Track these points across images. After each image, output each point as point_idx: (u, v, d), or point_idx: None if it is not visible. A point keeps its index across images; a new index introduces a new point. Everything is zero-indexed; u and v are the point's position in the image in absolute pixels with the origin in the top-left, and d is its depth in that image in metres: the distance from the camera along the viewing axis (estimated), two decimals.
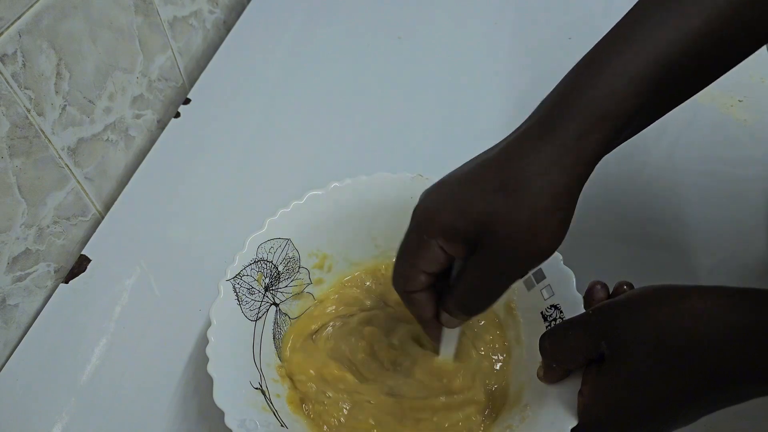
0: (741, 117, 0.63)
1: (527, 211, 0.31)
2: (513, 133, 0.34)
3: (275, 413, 0.38)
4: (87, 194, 0.56)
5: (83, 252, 0.54)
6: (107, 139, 0.58)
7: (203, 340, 0.42)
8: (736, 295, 0.30)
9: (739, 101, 0.64)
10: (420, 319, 0.39)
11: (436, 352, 0.42)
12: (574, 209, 0.33)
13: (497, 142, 0.34)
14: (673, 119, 0.63)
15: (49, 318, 0.50)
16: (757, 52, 0.74)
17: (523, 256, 0.32)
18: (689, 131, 0.62)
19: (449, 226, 0.33)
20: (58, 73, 0.50)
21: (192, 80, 0.72)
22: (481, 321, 0.46)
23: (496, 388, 0.43)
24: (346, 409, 0.41)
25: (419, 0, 0.82)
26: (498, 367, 0.44)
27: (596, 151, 0.32)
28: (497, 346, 0.45)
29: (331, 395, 0.42)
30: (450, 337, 0.40)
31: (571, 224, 0.54)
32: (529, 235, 0.31)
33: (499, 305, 0.46)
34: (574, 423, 0.35)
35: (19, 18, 0.45)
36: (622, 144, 0.61)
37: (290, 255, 0.46)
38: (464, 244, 0.33)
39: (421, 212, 0.35)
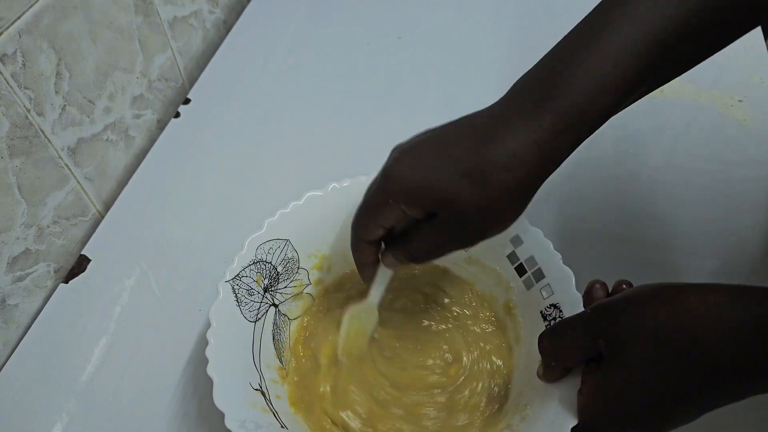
0: (741, 117, 0.63)
1: (487, 202, 0.33)
2: (497, 104, 0.35)
3: (275, 414, 0.38)
4: (87, 194, 0.56)
5: (83, 252, 0.54)
6: (107, 139, 0.58)
7: (203, 341, 0.42)
8: (734, 292, 0.30)
9: (739, 101, 0.64)
10: (361, 264, 0.42)
11: (367, 294, 0.43)
12: (531, 199, 0.35)
13: None
14: (673, 119, 0.64)
15: (49, 318, 0.50)
16: (756, 53, 0.74)
17: (477, 234, 0.36)
18: (689, 131, 0.62)
19: (413, 195, 0.35)
20: (58, 73, 0.50)
21: (192, 80, 0.72)
22: (481, 322, 0.46)
23: (496, 387, 0.43)
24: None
25: (419, 0, 0.82)
26: (498, 367, 0.44)
27: (568, 150, 0.34)
28: (497, 345, 0.45)
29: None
30: (382, 280, 0.42)
31: (571, 224, 0.55)
32: (486, 219, 0.34)
33: (498, 305, 0.46)
34: (573, 422, 0.35)
35: (19, 18, 0.45)
36: (623, 144, 0.61)
37: (289, 256, 0.46)
38: (423, 211, 0.36)
39: (389, 175, 0.36)
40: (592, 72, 0.32)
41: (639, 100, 0.36)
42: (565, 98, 0.32)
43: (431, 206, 0.35)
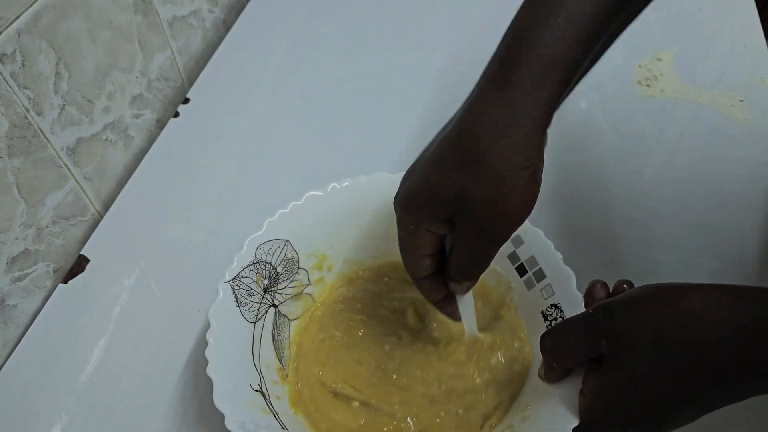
0: (741, 117, 0.63)
1: (491, 180, 0.32)
2: (471, 92, 0.35)
3: (275, 415, 0.38)
4: (86, 194, 0.56)
5: (82, 252, 0.54)
6: (106, 139, 0.58)
7: (202, 341, 0.42)
8: (736, 293, 0.30)
9: (740, 101, 0.64)
10: (433, 301, 0.41)
11: (462, 330, 0.43)
12: (540, 161, 0.33)
13: None
14: (673, 119, 0.64)
15: (48, 318, 0.50)
16: (757, 52, 0.74)
17: (500, 220, 0.33)
18: (689, 131, 0.62)
19: (426, 212, 0.35)
20: (57, 73, 0.50)
21: (191, 80, 0.72)
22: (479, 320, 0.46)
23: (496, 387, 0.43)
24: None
25: (419, 0, 0.82)
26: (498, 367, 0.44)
27: (550, 101, 0.33)
28: (497, 345, 0.45)
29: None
30: (467, 308, 0.41)
31: (572, 224, 0.54)
32: (500, 200, 0.32)
33: (498, 306, 0.46)
34: (575, 422, 0.35)
35: (18, 17, 0.45)
36: (623, 144, 0.61)
37: (289, 256, 0.45)
38: (446, 223, 0.35)
39: (400, 203, 0.36)
40: (555, 26, 0.32)
41: (639, 100, 0.35)
42: (533, 56, 0.32)
43: (447, 211, 0.34)
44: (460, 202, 0.33)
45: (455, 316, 0.42)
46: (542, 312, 0.42)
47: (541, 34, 0.32)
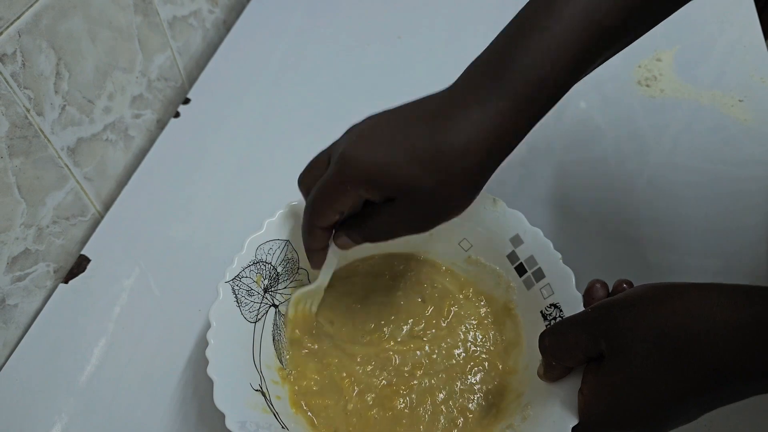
0: (741, 117, 0.63)
1: (444, 188, 0.34)
2: (451, 86, 0.36)
3: (276, 415, 0.38)
4: (86, 194, 0.56)
5: (83, 252, 0.54)
6: (107, 139, 0.58)
7: (203, 341, 0.42)
8: (736, 292, 0.30)
9: (740, 101, 0.64)
10: (312, 249, 0.41)
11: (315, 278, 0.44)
12: (486, 182, 0.36)
13: None
14: (673, 119, 0.64)
15: (49, 318, 0.50)
16: (757, 52, 0.74)
17: (433, 219, 0.37)
18: (690, 131, 0.62)
19: (371, 181, 0.36)
20: (58, 73, 0.50)
21: (191, 80, 0.72)
22: (478, 320, 0.46)
23: (496, 386, 0.43)
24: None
25: (419, 0, 0.82)
26: (498, 366, 0.44)
27: (525, 129, 0.34)
28: (497, 344, 0.45)
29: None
30: (331, 261, 0.43)
31: (571, 224, 0.55)
32: (441, 202, 0.35)
33: (498, 305, 0.46)
34: (574, 422, 0.35)
35: (18, 18, 0.45)
36: (622, 144, 0.61)
37: (289, 256, 0.45)
38: (382, 196, 0.36)
39: (346, 161, 0.36)
40: (542, 48, 0.33)
41: (639, 100, 0.35)
42: (517, 76, 0.33)
43: (389, 192, 0.36)
44: (411, 192, 0.35)
45: (318, 266, 0.43)
46: (541, 311, 0.42)
47: (528, 60, 0.33)
